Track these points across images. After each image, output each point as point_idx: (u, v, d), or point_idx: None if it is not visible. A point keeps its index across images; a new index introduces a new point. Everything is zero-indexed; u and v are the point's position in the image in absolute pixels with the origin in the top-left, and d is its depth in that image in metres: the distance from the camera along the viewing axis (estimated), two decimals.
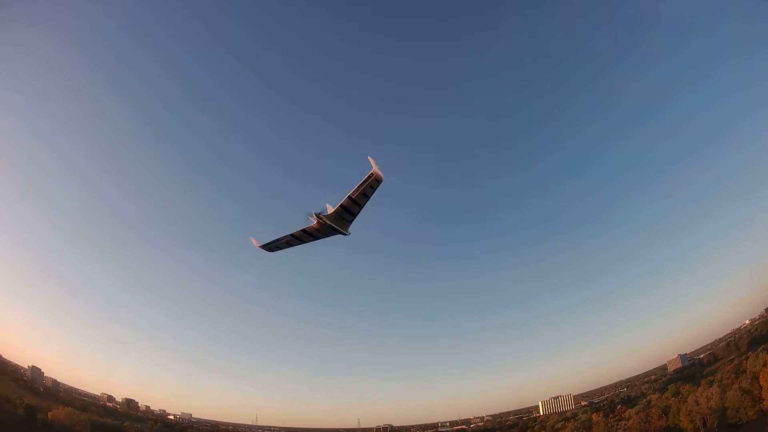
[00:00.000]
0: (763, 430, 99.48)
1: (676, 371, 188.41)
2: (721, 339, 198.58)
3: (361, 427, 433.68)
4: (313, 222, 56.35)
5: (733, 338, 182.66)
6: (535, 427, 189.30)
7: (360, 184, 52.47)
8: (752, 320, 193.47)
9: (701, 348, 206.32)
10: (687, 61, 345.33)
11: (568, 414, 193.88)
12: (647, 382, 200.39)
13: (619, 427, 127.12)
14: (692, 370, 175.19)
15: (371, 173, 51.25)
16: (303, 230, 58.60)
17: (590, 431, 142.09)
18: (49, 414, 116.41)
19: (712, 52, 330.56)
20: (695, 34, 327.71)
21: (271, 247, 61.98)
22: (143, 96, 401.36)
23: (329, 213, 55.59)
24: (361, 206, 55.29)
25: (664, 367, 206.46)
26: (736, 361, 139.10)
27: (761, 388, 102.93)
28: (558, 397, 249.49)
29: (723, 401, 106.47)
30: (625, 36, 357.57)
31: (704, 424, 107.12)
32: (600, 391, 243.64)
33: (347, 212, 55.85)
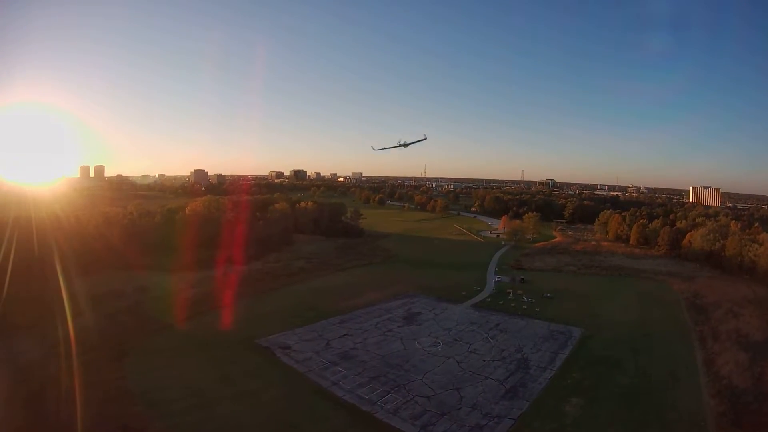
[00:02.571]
0: None
1: None
2: None
3: (525, 179, 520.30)
4: (397, 145, 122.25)
5: None
6: (678, 214, 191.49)
7: (417, 140, 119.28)
8: None
9: None
10: None
11: (711, 212, 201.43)
12: None
13: (749, 250, 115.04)
14: None
15: (424, 137, 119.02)
16: (393, 146, 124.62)
17: (725, 240, 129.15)
18: (187, 209, 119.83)
19: None
20: None
21: (378, 150, 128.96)
22: None
23: (405, 142, 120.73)
24: (413, 144, 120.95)
25: None
26: None
27: None
28: (708, 188, 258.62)
29: None
30: None
31: None
32: (747, 197, 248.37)
33: (410, 144, 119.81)
